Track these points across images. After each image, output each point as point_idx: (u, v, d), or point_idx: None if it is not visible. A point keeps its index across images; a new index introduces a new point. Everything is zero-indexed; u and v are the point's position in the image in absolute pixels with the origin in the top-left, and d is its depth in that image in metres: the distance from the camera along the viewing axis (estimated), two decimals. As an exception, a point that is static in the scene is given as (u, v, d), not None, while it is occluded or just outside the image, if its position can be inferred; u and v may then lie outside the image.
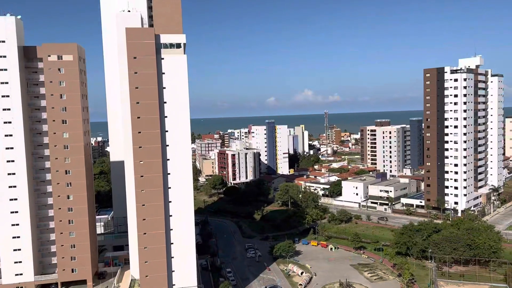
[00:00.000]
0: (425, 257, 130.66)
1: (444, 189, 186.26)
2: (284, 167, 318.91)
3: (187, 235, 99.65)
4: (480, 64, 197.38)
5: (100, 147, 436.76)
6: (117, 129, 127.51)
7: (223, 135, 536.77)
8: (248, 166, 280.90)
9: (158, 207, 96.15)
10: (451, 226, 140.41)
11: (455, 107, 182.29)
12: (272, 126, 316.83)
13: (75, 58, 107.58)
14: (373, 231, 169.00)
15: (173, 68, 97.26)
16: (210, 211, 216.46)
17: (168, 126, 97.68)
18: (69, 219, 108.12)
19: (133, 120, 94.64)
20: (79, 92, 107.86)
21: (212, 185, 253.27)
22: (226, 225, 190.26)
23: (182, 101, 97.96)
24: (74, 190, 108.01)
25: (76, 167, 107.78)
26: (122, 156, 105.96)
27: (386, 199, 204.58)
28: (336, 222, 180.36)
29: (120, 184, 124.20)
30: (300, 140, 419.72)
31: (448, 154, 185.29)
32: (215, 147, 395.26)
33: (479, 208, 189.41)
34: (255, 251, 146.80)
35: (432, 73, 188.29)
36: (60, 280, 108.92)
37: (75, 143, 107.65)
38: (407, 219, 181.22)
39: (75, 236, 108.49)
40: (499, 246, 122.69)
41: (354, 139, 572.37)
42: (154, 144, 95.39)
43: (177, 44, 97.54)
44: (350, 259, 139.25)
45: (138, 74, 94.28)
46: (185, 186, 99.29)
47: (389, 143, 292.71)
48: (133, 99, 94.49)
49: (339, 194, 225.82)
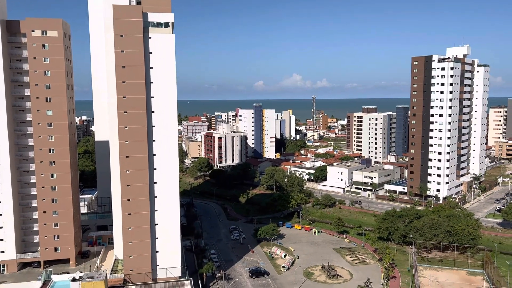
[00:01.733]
0: (406, 242, 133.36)
1: (427, 176, 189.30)
2: (270, 151, 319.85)
3: (171, 216, 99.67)
4: (468, 53, 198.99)
5: (85, 126, 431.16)
6: (103, 108, 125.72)
7: (210, 118, 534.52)
8: (234, 150, 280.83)
9: (143, 187, 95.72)
10: (432, 212, 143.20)
11: (441, 95, 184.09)
12: (259, 110, 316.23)
13: (60, 34, 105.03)
14: (356, 216, 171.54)
15: (160, 48, 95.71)
16: (195, 193, 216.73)
17: (154, 106, 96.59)
18: (52, 198, 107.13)
19: (119, 99, 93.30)
20: (63, 69, 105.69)
21: (198, 167, 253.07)
22: (211, 208, 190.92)
23: (169, 81, 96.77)
24: (58, 169, 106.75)
25: (60, 146, 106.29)
26: (107, 136, 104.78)
27: (370, 185, 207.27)
28: (320, 207, 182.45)
29: (104, 164, 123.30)
30: (287, 125, 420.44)
31: (432, 142, 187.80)
32: (201, 129, 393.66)
33: (460, 196, 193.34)
34: (239, 233, 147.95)
35: (420, 61, 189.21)
36: (43, 259, 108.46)
37: (59, 121, 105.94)
38: (390, 205, 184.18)
39: (58, 215, 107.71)
40: (477, 233, 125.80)
41: (341, 125, 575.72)
42: (140, 124, 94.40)
43: (165, 23, 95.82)
44: (333, 243, 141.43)
45: (124, 53, 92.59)
46: (171, 168, 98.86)
47: (375, 130, 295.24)
48: (119, 78, 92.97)
49: (324, 179, 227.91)
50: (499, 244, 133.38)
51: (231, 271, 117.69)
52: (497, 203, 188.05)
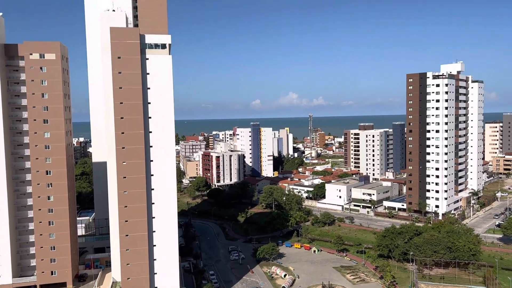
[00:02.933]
0: (407, 259, 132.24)
1: (426, 192, 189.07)
2: (268, 170, 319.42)
3: (170, 237, 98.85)
4: (461, 70, 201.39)
5: (82, 147, 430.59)
6: (100, 129, 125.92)
7: (208, 137, 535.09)
8: (232, 168, 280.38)
9: (141, 208, 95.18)
10: (432, 229, 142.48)
11: (436, 111, 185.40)
12: (257, 128, 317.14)
13: (58, 56, 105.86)
14: (356, 234, 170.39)
15: (157, 69, 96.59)
16: (193, 213, 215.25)
17: (152, 127, 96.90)
18: (49, 221, 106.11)
19: (117, 120, 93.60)
20: (61, 91, 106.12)
21: (196, 187, 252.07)
22: (210, 227, 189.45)
23: (166, 102, 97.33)
24: (55, 191, 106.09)
25: (57, 168, 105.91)
26: (104, 157, 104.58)
27: (368, 202, 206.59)
28: (320, 225, 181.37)
29: (102, 185, 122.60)
30: (284, 143, 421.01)
31: (429, 158, 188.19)
32: (199, 148, 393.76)
33: (459, 212, 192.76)
34: (238, 253, 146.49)
35: (415, 78, 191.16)
36: (39, 283, 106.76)
37: (56, 143, 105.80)
38: (389, 222, 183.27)
39: (55, 238, 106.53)
40: (478, 249, 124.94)
41: (338, 142, 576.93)
42: (138, 145, 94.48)
43: (162, 45, 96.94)
44: (333, 262, 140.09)
45: (122, 74, 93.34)
46: (169, 188, 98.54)
47: (372, 147, 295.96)
48: (117, 99, 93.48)
49: (322, 196, 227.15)
50: (500, 259, 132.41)
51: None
52: (496, 218, 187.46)
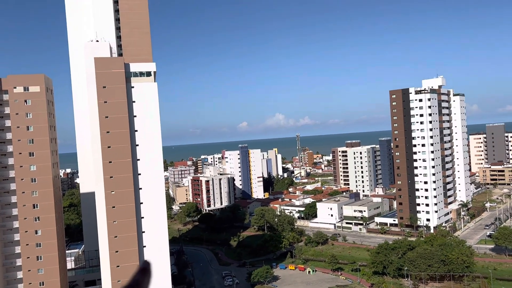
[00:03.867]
0: (401, 275, 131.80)
1: (416, 206, 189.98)
2: (259, 191, 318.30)
3: (162, 266, 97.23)
4: (443, 84, 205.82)
5: (70, 178, 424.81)
6: (87, 159, 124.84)
7: (196, 162, 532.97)
8: (222, 192, 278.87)
9: (131, 238, 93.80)
10: (425, 243, 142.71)
11: (421, 126, 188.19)
12: (245, 150, 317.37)
13: (42, 89, 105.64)
14: (350, 252, 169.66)
15: (143, 96, 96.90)
16: (185, 239, 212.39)
17: (139, 154, 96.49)
18: (37, 255, 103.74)
19: (104, 149, 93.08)
20: (46, 124, 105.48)
21: (187, 213, 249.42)
22: (202, 254, 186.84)
23: (153, 128, 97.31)
24: (43, 225, 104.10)
25: (44, 201, 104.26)
26: (92, 187, 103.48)
27: (360, 218, 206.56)
28: (313, 244, 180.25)
29: (91, 216, 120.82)
30: (273, 164, 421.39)
31: (417, 172, 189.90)
32: (188, 174, 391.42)
33: (450, 224, 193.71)
34: (232, 278, 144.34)
35: (398, 94, 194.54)
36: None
37: (43, 176, 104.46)
38: (382, 237, 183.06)
39: (44, 273, 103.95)
40: (471, 261, 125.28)
41: (326, 160, 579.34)
42: (126, 173, 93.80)
43: (147, 72, 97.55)
44: (328, 282, 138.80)
45: (107, 103, 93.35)
46: (159, 215, 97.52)
47: (360, 164, 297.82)
48: (103, 129, 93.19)
49: (314, 216, 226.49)
50: (493, 270, 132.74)
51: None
52: (487, 228, 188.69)
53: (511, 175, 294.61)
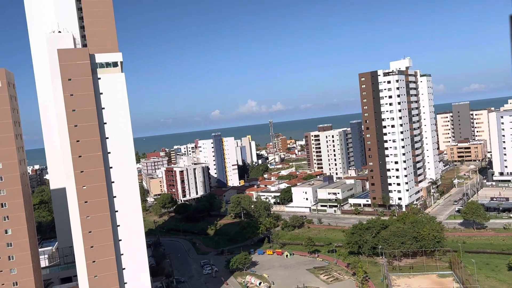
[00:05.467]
0: (376, 253, 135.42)
1: (388, 186, 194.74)
2: (234, 179, 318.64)
3: (139, 258, 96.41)
4: (410, 65, 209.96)
5: (38, 175, 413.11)
6: (56, 155, 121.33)
7: (169, 152, 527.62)
8: (197, 181, 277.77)
9: (106, 232, 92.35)
10: (397, 221, 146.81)
11: (390, 107, 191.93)
12: (218, 139, 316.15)
13: (4, 84, 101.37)
14: (325, 234, 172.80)
15: (111, 88, 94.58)
16: (161, 231, 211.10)
17: (110, 147, 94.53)
18: (8, 255, 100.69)
19: (72, 144, 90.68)
20: (10, 120, 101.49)
21: (162, 204, 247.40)
22: (180, 244, 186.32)
23: (123, 120, 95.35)
24: (12, 224, 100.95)
25: (12, 199, 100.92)
26: (63, 183, 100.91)
27: (334, 201, 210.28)
28: (290, 229, 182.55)
29: (63, 213, 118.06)
30: (248, 151, 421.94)
31: (388, 153, 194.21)
32: (161, 165, 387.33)
33: (421, 202, 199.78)
34: (211, 267, 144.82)
35: (367, 77, 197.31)
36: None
37: (10, 174, 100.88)
38: (356, 218, 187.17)
39: (17, 273, 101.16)
40: (442, 236, 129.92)
41: (300, 145, 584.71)
42: (97, 167, 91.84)
43: (114, 63, 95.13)
44: (306, 264, 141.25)
45: (74, 96, 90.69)
46: (133, 208, 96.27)
47: (332, 147, 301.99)
48: (71, 122, 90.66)
49: (290, 200, 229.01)
50: (463, 243, 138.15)
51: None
52: (455, 204, 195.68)
53: (476, 151, 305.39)
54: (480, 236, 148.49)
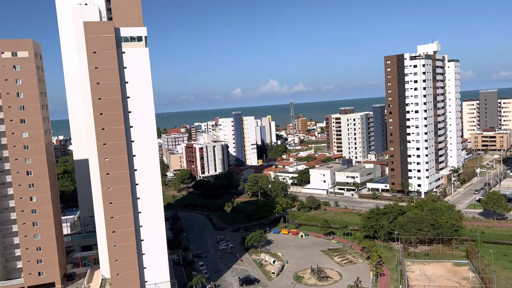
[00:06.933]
0: (392, 239, 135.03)
1: (408, 172, 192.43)
2: (252, 158, 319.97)
3: (157, 231, 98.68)
4: (437, 50, 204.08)
5: (62, 146, 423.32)
6: (79, 126, 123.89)
7: (190, 129, 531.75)
8: (216, 159, 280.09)
9: (126, 204, 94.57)
10: (415, 207, 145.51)
11: (415, 92, 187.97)
12: (239, 117, 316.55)
13: (31, 54, 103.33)
14: (342, 217, 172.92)
15: (134, 62, 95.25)
16: (180, 205, 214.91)
17: (132, 121, 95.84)
18: (33, 222, 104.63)
19: (96, 116, 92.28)
20: (37, 90, 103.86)
21: (181, 179, 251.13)
22: (197, 219, 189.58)
23: (145, 95, 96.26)
24: (37, 191, 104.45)
25: (37, 168, 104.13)
26: (86, 154, 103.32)
27: (352, 184, 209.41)
28: (306, 210, 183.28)
29: (85, 183, 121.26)
30: (267, 131, 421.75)
31: (410, 139, 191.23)
32: (182, 141, 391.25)
33: (441, 189, 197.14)
34: (227, 243, 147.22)
35: (393, 60, 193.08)
36: (27, 285, 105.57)
37: (35, 143, 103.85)
38: (374, 203, 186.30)
39: (41, 239, 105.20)
40: (460, 225, 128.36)
41: (320, 127, 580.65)
42: (119, 140, 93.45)
43: (138, 37, 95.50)
44: (320, 245, 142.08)
45: (98, 69, 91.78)
46: (153, 182, 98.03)
47: (353, 130, 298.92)
48: (95, 95, 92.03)
49: (307, 182, 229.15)
50: (481, 233, 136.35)
51: (221, 281, 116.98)
52: (476, 193, 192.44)
53: (502, 141, 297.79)
54: (500, 227, 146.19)
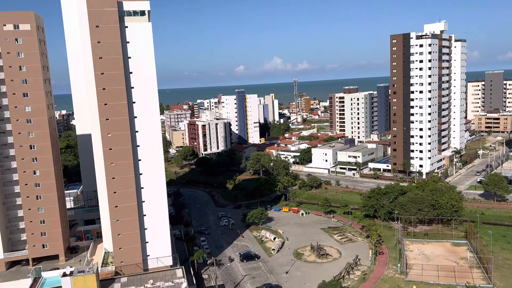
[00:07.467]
0: (392, 218, 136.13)
1: (410, 153, 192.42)
2: (255, 136, 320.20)
3: (159, 206, 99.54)
4: (445, 29, 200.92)
5: (65, 120, 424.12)
6: (82, 101, 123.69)
7: (193, 106, 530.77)
8: (219, 136, 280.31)
9: (129, 179, 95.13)
10: (416, 188, 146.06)
11: (420, 72, 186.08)
12: (242, 95, 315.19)
13: (33, 27, 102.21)
14: (342, 196, 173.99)
15: (137, 37, 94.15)
16: (182, 182, 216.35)
17: (135, 97, 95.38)
18: (36, 195, 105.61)
19: (99, 91, 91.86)
20: (39, 63, 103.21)
21: (183, 156, 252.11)
22: (199, 196, 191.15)
23: (148, 70, 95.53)
24: (40, 165, 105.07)
25: (41, 142, 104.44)
26: (88, 129, 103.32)
27: (354, 164, 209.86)
28: (307, 188, 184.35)
29: (88, 158, 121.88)
30: (270, 109, 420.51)
31: (413, 119, 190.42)
32: (184, 118, 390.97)
33: (443, 170, 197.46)
34: (228, 219, 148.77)
35: (399, 39, 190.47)
36: (31, 256, 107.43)
37: (38, 117, 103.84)
38: (375, 183, 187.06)
39: (44, 212, 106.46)
40: (460, 205, 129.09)
41: (323, 106, 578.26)
42: (122, 116, 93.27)
43: (141, 11, 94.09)
44: (321, 223, 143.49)
45: (101, 44, 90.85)
46: (156, 158, 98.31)
47: (357, 110, 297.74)
48: (98, 70, 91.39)
49: (309, 161, 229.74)
50: (481, 215, 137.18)
51: (222, 257, 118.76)
52: (478, 175, 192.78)
53: (506, 123, 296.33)
54: (500, 209, 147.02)
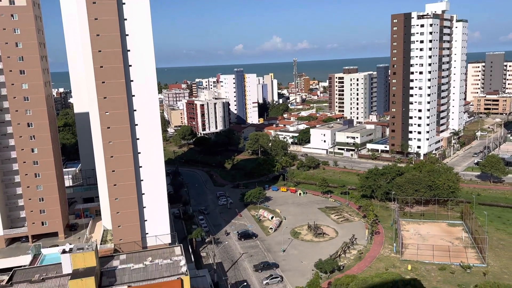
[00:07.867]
0: (389, 199, 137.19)
1: (408, 134, 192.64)
2: (253, 116, 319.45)
3: (158, 185, 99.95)
4: (446, 9, 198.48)
5: (63, 98, 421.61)
6: (80, 79, 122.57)
7: (191, 85, 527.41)
8: (217, 116, 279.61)
9: (127, 158, 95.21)
10: (414, 169, 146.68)
11: (420, 53, 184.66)
12: (241, 75, 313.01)
13: (29, 2, 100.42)
14: (340, 176, 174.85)
15: (135, 14, 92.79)
16: (180, 161, 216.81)
17: (133, 75, 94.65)
18: (35, 173, 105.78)
19: (96, 69, 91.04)
20: (36, 40, 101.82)
21: (182, 135, 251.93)
22: (197, 175, 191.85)
23: (146, 48, 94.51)
24: (38, 143, 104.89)
25: (38, 120, 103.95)
26: (86, 107, 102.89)
27: (352, 145, 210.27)
28: (305, 169, 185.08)
29: (86, 136, 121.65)
30: (269, 89, 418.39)
31: (412, 100, 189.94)
32: (183, 97, 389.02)
33: (440, 151, 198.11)
34: (226, 198, 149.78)
35: (400, 19, 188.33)
36: (31, 233, 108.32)
37: (35, 95, 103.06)
38: (373, 163, 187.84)
39: (43, 190, 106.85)
40: (457, 186, 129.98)
41: (323, 87, 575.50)
42: (119, 94, 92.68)
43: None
44: (318, 203, 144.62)
45: (98, 21, 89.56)
46: (154, 137, 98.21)
47: (356, 90, 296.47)
48: (95, 47, 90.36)
49: (307, 141, 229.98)
50: (477, 196, 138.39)
51: (220, 235, 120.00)
52: (475, 156, 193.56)
53: (505, 104, 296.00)
54: (496, 190, 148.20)
